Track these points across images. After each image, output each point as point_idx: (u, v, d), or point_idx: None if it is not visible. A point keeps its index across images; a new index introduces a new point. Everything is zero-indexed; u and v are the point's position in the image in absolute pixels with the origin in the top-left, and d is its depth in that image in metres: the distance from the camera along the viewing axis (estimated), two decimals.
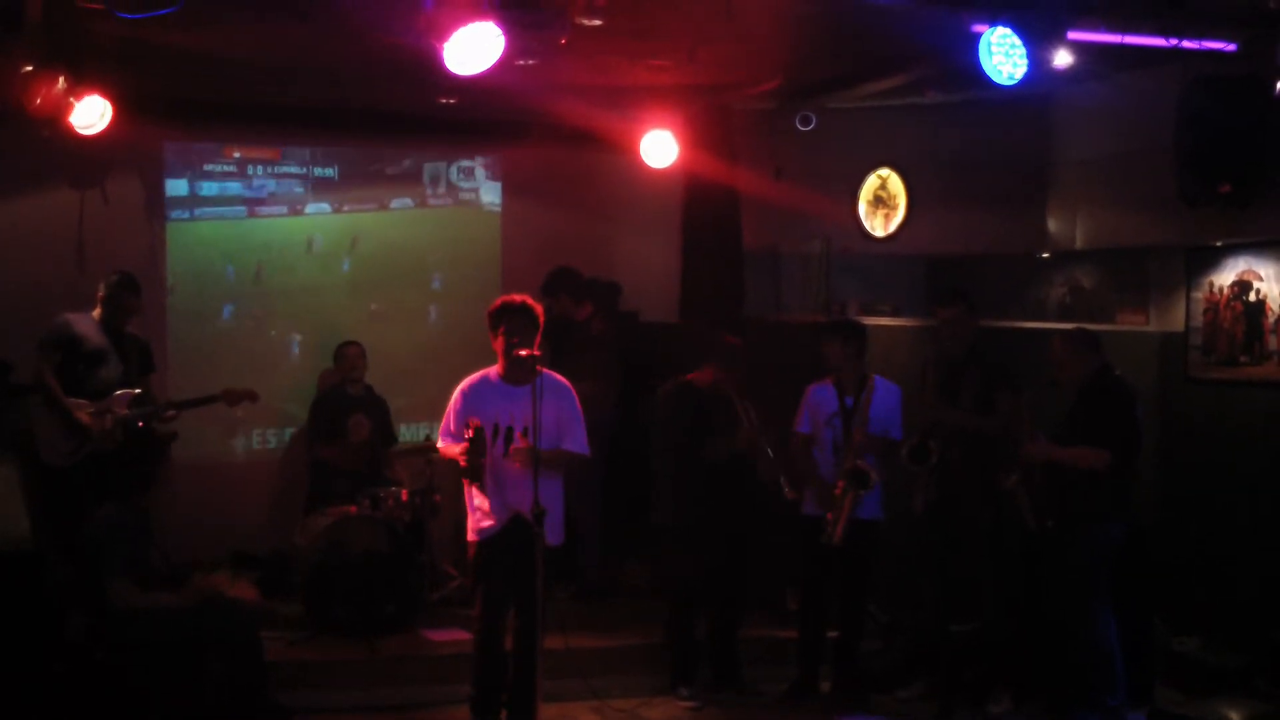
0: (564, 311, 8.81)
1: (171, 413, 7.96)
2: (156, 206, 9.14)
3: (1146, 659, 7.30)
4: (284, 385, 9.21)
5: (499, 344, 6.32)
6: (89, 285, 8.00)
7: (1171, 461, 8.26)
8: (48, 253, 8.65)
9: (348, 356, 8.86)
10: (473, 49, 5.93)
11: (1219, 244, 8.04)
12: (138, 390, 7.86)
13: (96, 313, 7.84)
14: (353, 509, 8.10)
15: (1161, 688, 7.38)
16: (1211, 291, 8.13)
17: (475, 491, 6.37)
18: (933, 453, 7.20)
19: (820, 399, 7.44)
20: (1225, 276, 8.06)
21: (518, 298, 6.39)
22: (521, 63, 6.20)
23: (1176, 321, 8.38)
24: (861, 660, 7.58)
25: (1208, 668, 7.49)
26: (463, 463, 6.17)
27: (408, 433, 9.35)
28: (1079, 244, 9.03)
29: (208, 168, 9.27)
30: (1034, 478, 6.96)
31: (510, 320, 6.29)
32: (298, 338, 9.49)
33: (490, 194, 9.95)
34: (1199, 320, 8.21)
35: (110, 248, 8.65)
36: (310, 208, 9.51)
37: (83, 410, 7.61)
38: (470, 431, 6.12)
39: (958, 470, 7.26)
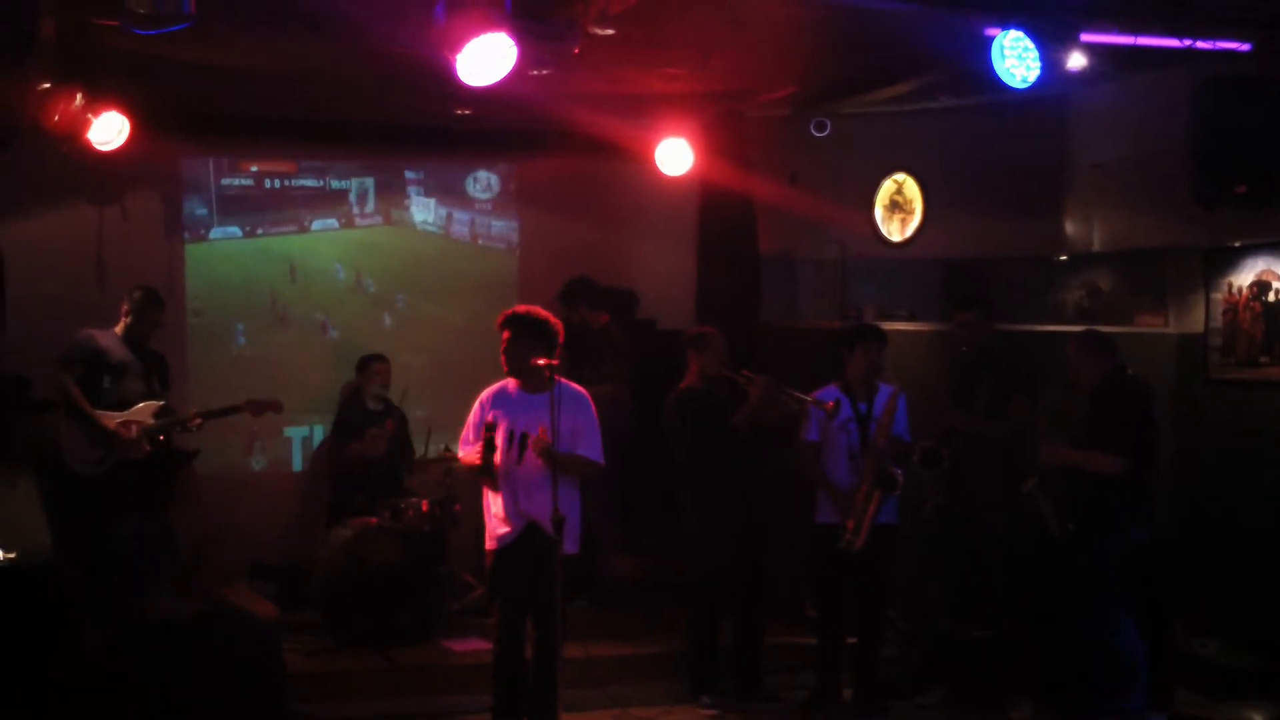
0: (582, 320, 8.84)
1: (197, 421, 7.99)
2: (174, 221, 9.19)
3: (1166, 662, 7.27)
4: (304, 397, 9.22)
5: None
6: (108, 301, 8.05)
7: (1191, 463, 8.23)
8: (67, 269, 8.70)
9: (377, 372, 8.85)
10: (486, 60, 5.95)
11: (1237, 244, 8.01)
12: (162, 402, 7.92)
13: (119, 327, 7.89)
14: (372, 520, 8.12)
15: (1182, 691, 7.35)
16: (1230, 292, 8.10)
17: (492, 499, 6.40)
18: (944, 458, 7.19)
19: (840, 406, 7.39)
20: (1244, 277, 8.02)
21: (532, 309, 6.44)
22: (535, 73, 6.22)
23: (1195, 323, 8.35)
24: (881, 666, 7.56)
25: (1228, 670, 7.45)
26: (478, 461, 6.23)
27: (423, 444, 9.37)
28: (1096, 246, 9.00)
29: (224, 181, 9.31)
30: (1052, 482, 6.94)
31: (527, 331, 6.33)
32: (318, 349, 9.51)
33: (507, 202, 9.96)
34: (1218, 321, 8.17)
35: (129, 263, 8.68)
36: (325, 222, 9.54)
37: (109, 419, 7.67)
38: (484, 431, 6.19)
39: (973, 476, 7.24)
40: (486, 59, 5.94)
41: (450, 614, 8.34)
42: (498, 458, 6.25)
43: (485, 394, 6.50)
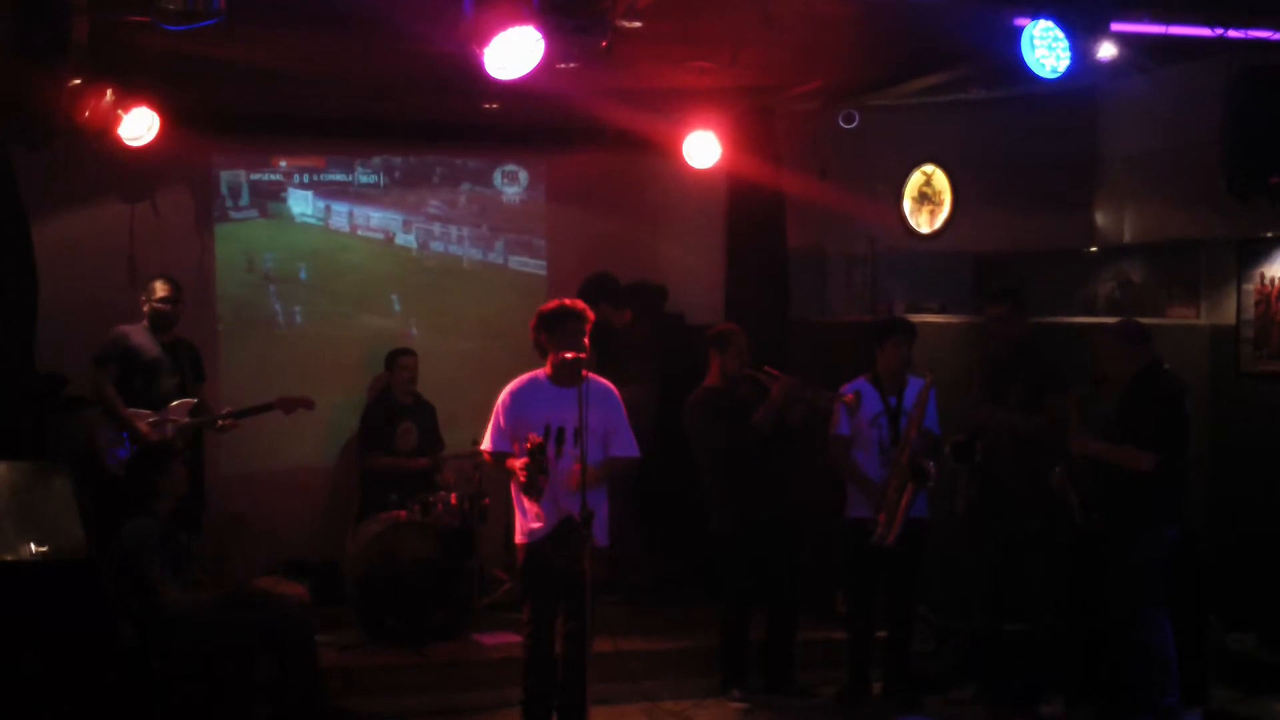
0: (604, 319, 8.81)
1: (229, 420, 8.04)
2: (205, 217, 9.22)
3: (1201, 657, 7.22)
4: (335, 394, 9.23)
5: (551, 347, 6.35)
6: (140, 298, 8.06)
7: (1224, 456, 8.17)
8: (99, 266, 8.72)
9: (405, 366, 8.88)
10: (513, 54, 5.95)
11: (1269, 235, 7.95)
12: (195, 400, 7.95)
13: (145, 323, 7.93)
14: (402, 515, 8.14)
15: (1217, 686, 7.30)
16: (1263, 284, 8.04)
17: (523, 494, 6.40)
18: (976, 452, 7.15)
19: (861, 399, 7.38)
20: (1276, 269, 7.96)
21: (571, 302, 6.44)
22: (562, 67, 6.21)
23: (1227, 315, 8.29)
24: (913, 662, 7.54)
25: (1264, 666, 7.41)
26: (522, 478, 6.20)
27: (452, 438, 9.39)
28: (1128, 238, 8.96)
29: (254, 177, 9.33)
30: (1083, 474, 6.89)
31: (564, 324, 6.33)
32: (348, 346, 9.51)
33: (536, 197, 9.96)
34: (1250, 313, 8.12)
35: (161, 259, 8.68)
36: (355, 217, 9.56)
37: (142, 420, 7.70)
38: (530, 444, 6.10)
39: (1005, 471, 7.21)
40: (514, 53, 5.94)
41: (480, 609, 8.35)
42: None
43: (513, 385, 6.46)
